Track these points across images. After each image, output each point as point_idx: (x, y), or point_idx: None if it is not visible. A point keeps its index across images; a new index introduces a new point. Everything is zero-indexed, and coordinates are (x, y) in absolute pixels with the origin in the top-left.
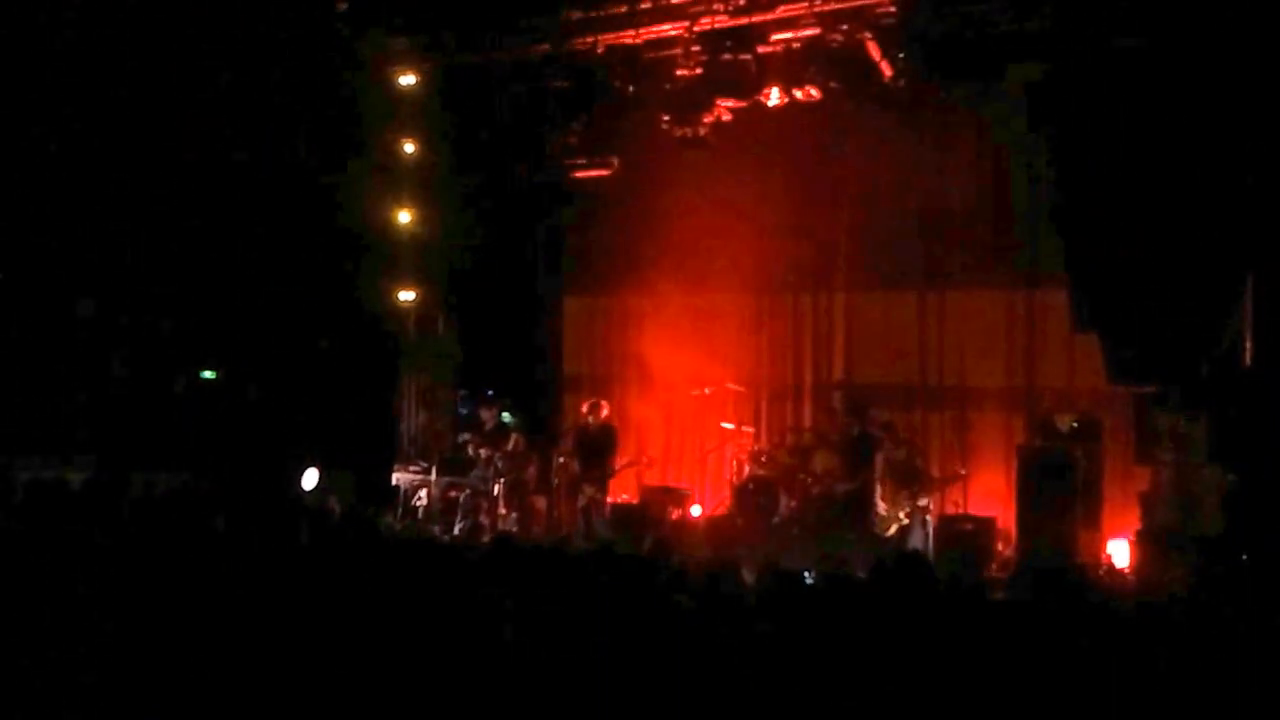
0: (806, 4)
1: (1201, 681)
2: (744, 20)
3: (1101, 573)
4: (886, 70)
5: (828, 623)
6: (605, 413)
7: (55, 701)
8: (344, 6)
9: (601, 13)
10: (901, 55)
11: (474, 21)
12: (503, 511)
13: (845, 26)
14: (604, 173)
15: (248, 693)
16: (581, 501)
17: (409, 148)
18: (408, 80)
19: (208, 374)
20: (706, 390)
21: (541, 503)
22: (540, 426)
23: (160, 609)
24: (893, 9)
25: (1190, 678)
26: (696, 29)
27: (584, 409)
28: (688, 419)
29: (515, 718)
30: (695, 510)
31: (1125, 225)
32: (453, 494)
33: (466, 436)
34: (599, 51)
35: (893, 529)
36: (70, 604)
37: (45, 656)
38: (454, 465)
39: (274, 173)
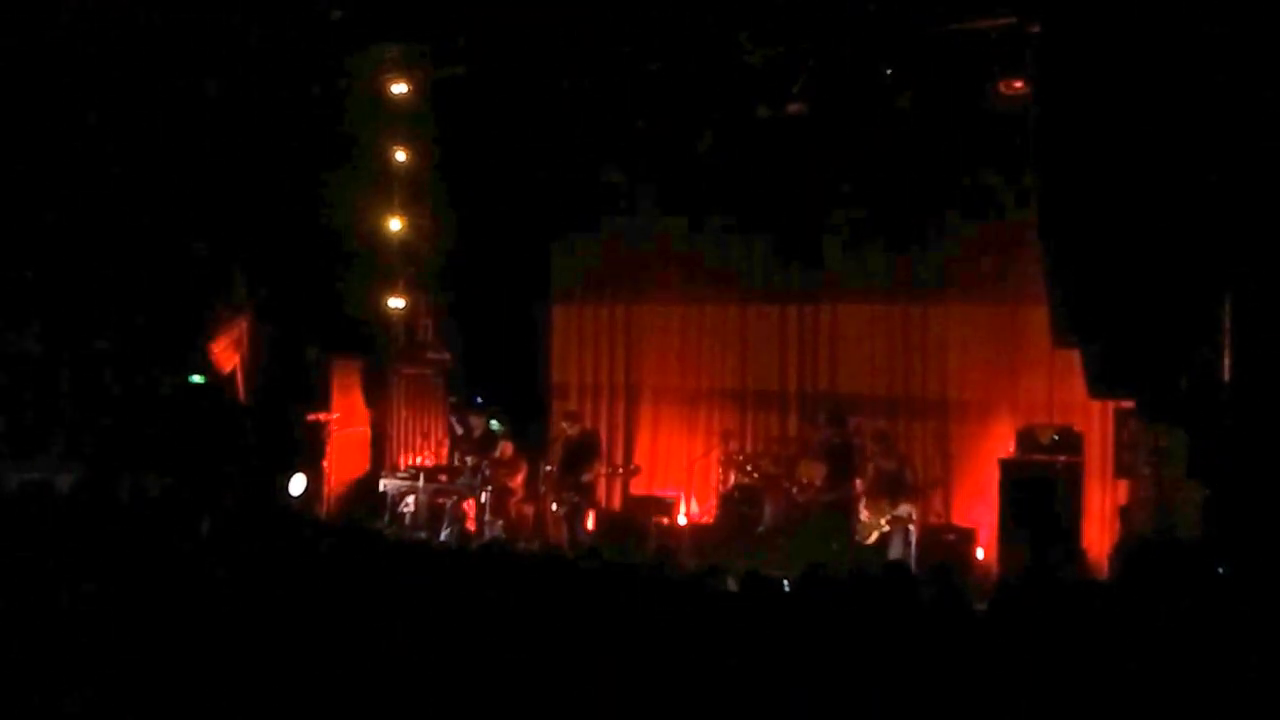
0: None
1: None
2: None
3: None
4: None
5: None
6: (584, 423)
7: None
8: (337, 15)
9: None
10: (889, 70)
11: (467, 31)
12: (489, 519)
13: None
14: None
15: (235, 695)
16: (565, 510)
17: (400, 155)
18: (400, 89)
19: (196, 378)
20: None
21: (529, 510)
22: (528, 435)
23: (147, 612)
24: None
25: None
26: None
27: (562, 423)
28: (674, 427)
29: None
30: (681, 518)
31: (1106, 239)
32: (440, 501)
33: (455, 443)
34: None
35: (873, 537)
36: (57, 607)
37: (33, 658)
38: (441, 473)
39: (265, 179)
